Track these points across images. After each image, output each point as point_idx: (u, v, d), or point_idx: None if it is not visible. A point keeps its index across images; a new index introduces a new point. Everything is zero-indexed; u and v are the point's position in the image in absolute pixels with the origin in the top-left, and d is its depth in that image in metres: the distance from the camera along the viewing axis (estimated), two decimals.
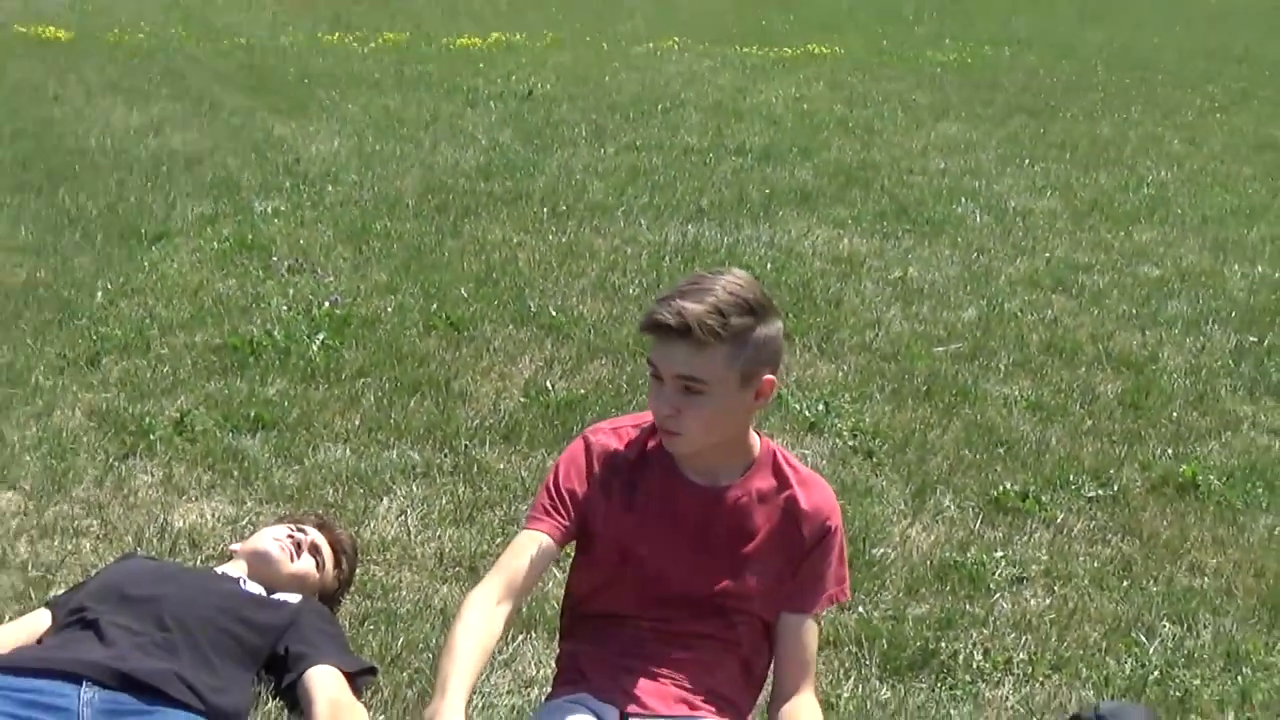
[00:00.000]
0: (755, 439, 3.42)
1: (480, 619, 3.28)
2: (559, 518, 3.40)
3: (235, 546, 4.39)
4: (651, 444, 3.41)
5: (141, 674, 3.45)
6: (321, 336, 6.73)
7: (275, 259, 8.07)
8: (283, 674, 3.86)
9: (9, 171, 9.55)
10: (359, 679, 3.90)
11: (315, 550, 4.27)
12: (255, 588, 4.05)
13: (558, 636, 3.72)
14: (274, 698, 3.87)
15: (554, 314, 7.35)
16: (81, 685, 3.39)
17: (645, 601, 3.45)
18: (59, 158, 10.04)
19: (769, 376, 3.24)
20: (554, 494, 3.43)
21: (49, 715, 3.31)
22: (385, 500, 5.24)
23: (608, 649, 3.49)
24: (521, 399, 6.25)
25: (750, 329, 3.16)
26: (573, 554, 3.59)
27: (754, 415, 3.35)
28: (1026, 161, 12.37)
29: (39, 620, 3.87)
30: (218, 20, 18.70)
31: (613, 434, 3.47)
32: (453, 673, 3.13)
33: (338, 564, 4.36)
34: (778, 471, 3.42)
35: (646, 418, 3.44)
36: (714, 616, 3.45)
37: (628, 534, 3.41)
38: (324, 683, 3.78)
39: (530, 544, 3.38)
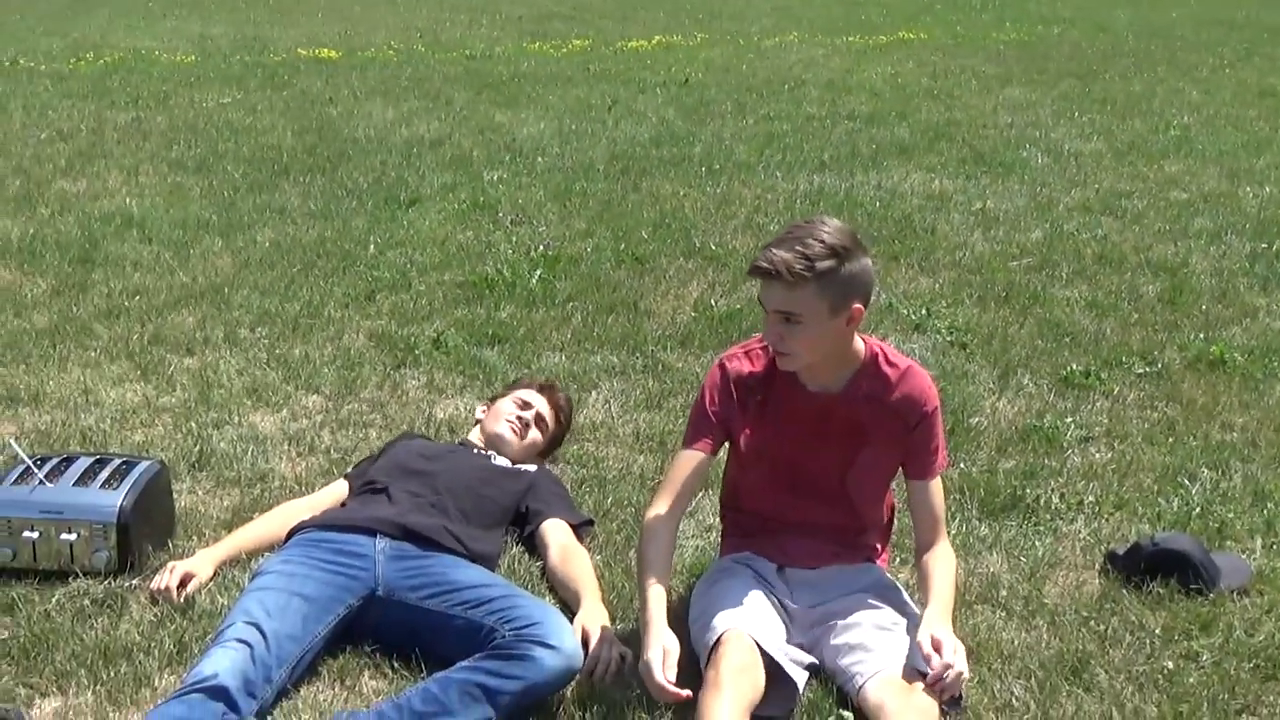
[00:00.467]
0: (860, 346, 3.25)
1: (662, 547, 3.20)
2: (709, 436, 3.29)
3: (479, 413, 4.38)
4: (776, 362, 3.30)
5: (420, 528, 3.47)
6: (539, 272, 6.73)
7: (501, 215, 8.07)
8: (524, 526, 3.86)
9: (300, 158, 9.65)
10: (581, 529, 3.90)
11: (539, 421, 4.27)
12: (502, 460, 4.06)
13: (720, 515, 3.66)
14: (518, 544, 3.88)
15: (714, 248, 7.28)
16: (376, 537, 3.42)
17: (783, 489, 3.37)
18: (336, 146, 10.12)
19: (857, 305, 3.08)
20: (703, 416, 3.31)
21: (354, 560, 3.35)
22: (593, 393, 5.22)
23: (762, 524, 3.43)
24: (692, 314, 6.20)
25: (835, 269, 3.00)
26: (726, 456, 3.50)
27: (851, 333, 3.19)
28: (1075, 114, 11.94)
29: (340, 489, 3.92)
30: (448, 37, 18.70)
31: (744, 357, 3.34)
32: (652, 606, 3.05)
33: (558, 420, 4.38)
34: (878, 372, 3.26)
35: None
36: (840, 494, 3.37)
37: (764, 438, 3.32)
38: (555, 532, 3.78)
39: (689, 462, 3.28)
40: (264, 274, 6.75)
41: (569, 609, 3.42)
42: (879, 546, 3.51)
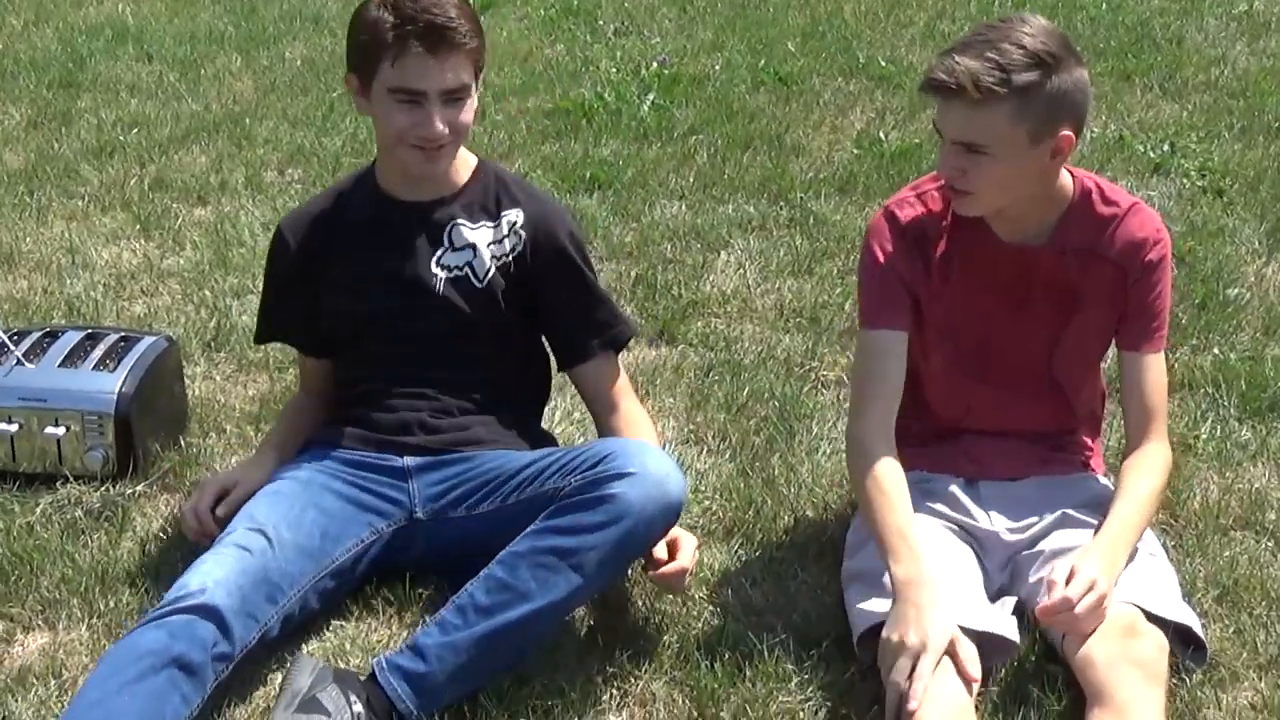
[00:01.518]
0: (1068, 182, 3.16)
1: (892, 474, 3.10)
2: (899, 306, 3.21)
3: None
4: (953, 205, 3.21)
5: (442, 444, 3.44)
6: (651, 97, 6.69)
7: (601, 22, 8.04)
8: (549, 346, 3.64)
9: None
10: (620, 342, 3.55)
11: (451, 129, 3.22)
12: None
13: None
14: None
15: (883, 64, 7.17)
16: (403, 456, 3.45)
17: (973, 375, 3.31)
18: None
19: (1066, 132, 2.97)
20: (883, 281, 3.22)
21: (382, 476, 3.33)
22: (723, 254, 5.20)
23: (945, 426, 3.39)
24: (854, 150, 6.13)
25: (1039, 84, 2.89)
26: None
27: (1058, 169, 3.10)
28: None
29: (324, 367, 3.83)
30: None
31: (917, 201, 3.25)
32: (909, 571, 2.92)
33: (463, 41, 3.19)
34: (1093, 215, 3.18)
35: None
36: (1047, 379, 3.31)
37: (947, 308, 3.25)
38: (597, 386, 3.50)
39: (887, 345, 3.20)
40: (295, 100, 6.79)
41: None
42: (1093, 447, 3.46)
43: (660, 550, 3.11)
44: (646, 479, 2.95)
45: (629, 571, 3.25)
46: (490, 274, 3.36)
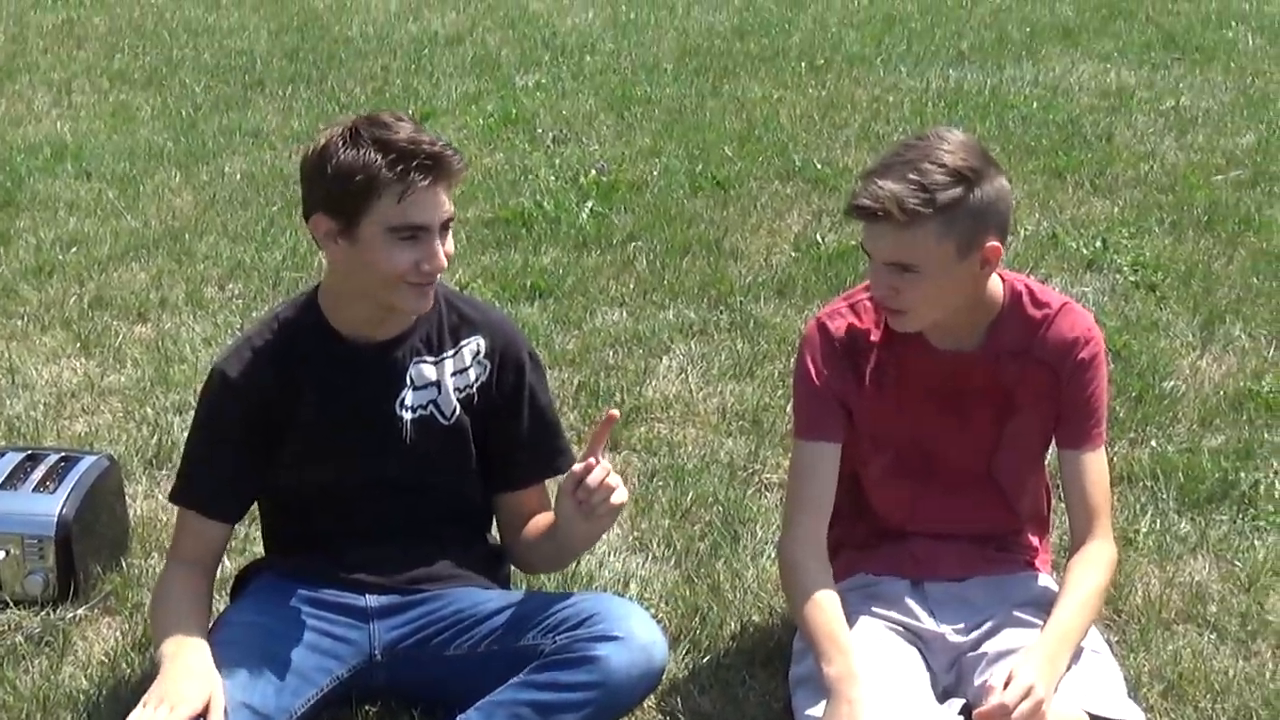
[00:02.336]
0: (998, 287, 3.19)
1: (816, 585, 3.13)
2: (831, 417, 3.24)
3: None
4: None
5: (410, 581, 3.37)
6: (590, 204, 6.73)
7: (540, 131, 8.09)
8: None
9: (277, 65, 9.72)
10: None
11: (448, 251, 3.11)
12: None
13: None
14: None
15: (819, 167, 7.25)
16: (364, 594, 3.38)
17: (914, 480, 3.32)
18: (323, 47, 10.18)
19: (993, 243, 3.01)
20: (813, 393, 3.25)
21: (342, 616, 3.26)
22: (665, 359, 5.22)
23: (887, 529, 3.39)
24: (793, 253, 6.18)
25: (962, 200, 2.93)
26: None
27: (987, 277, 3.11)
28: None
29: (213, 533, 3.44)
30: None
31: (849, 311, 3.27)
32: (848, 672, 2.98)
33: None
34: (1024, 318, 3.20)
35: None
36: (987, 481, 3.32)
37: (884, 417, 3.26)
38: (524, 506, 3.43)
39: (817, 459, 3.24)
40: (235, 215, 6.80)
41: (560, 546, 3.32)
42: (1038, 545, 3.46)
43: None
44: (632, 644, 2.95)
45: None
46: (456, 411, 3.27)
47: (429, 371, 3.24)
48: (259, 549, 3.60)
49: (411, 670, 3.22)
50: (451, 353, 3.27)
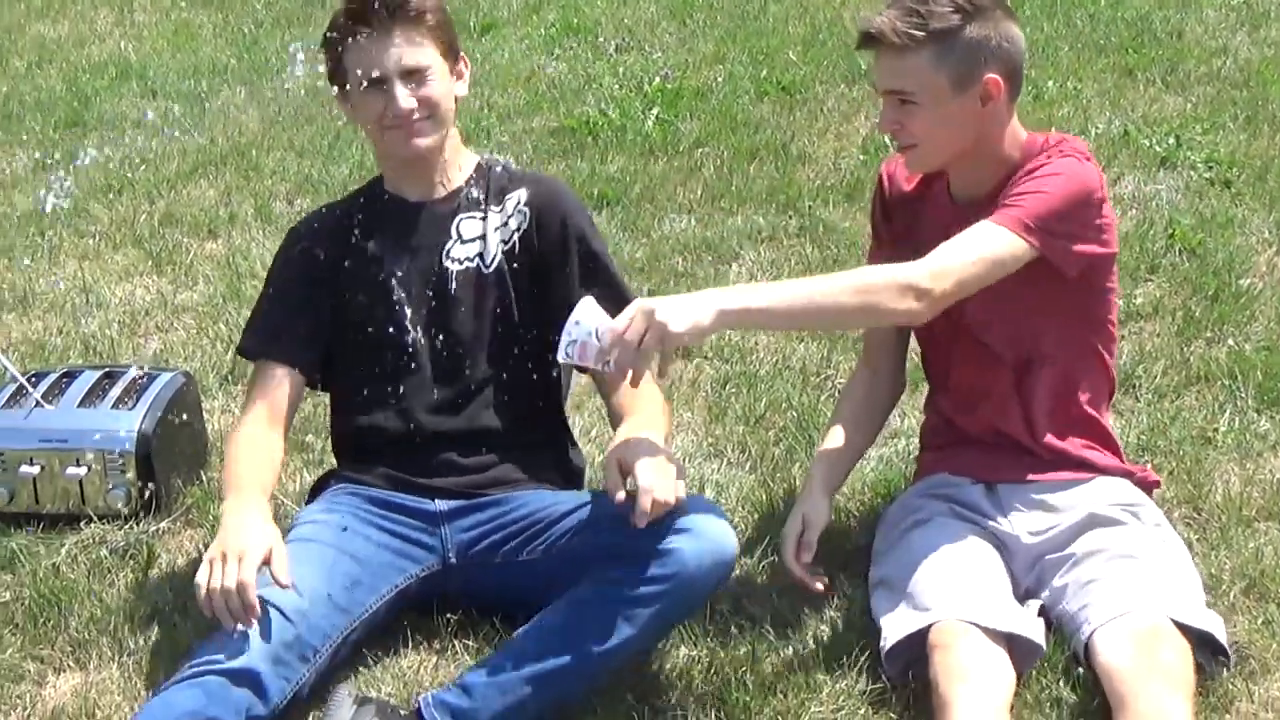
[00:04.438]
0: (1019, 141, 3.17)
1: (857, 403, 3.52)
2: (887, 247, 3.35)
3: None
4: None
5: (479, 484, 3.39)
6: (655, 111, 6.69)
7: (602, 39, 8.03)
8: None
9: None
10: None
11: (410, 81, 3.23)
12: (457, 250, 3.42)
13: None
14: None
15: None
16: (434, 499, 3.40)
17: (961, 362, 3.32)
18: None
19: (992, 76, 3.03)
20: (873, 237, 3.47)
21: (415, 519, 3.29)
22: (734, 266, 5.20)
23: (951, 421, 3.40)
24: (860, 156, 6.13)
25: (957, 30, 2.99)
26: None
27: (993, 118, 3.09)
28: None
29: (280, 384, 3.47)
30: None
31: (901, 165, 3.33)
32: (814, 465, 3.44)
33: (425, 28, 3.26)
34: (1029, 161, 3.16)
35: None
36: (1033, 362, 3.26)
37: None
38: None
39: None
40: (300, 130, 6.81)
41: None
42: (1109, 439, 3.40)
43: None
44: (702, 535, 2.93)
45: None
46: (497, 258, 3.34)
47: (475, 226, 3.37)
48: (333, 461, 3.62)
49: (486, 575, 3.24)
50: (497, 208, 3.38)
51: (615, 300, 3.08)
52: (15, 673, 3.23)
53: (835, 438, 3.44)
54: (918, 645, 2.95)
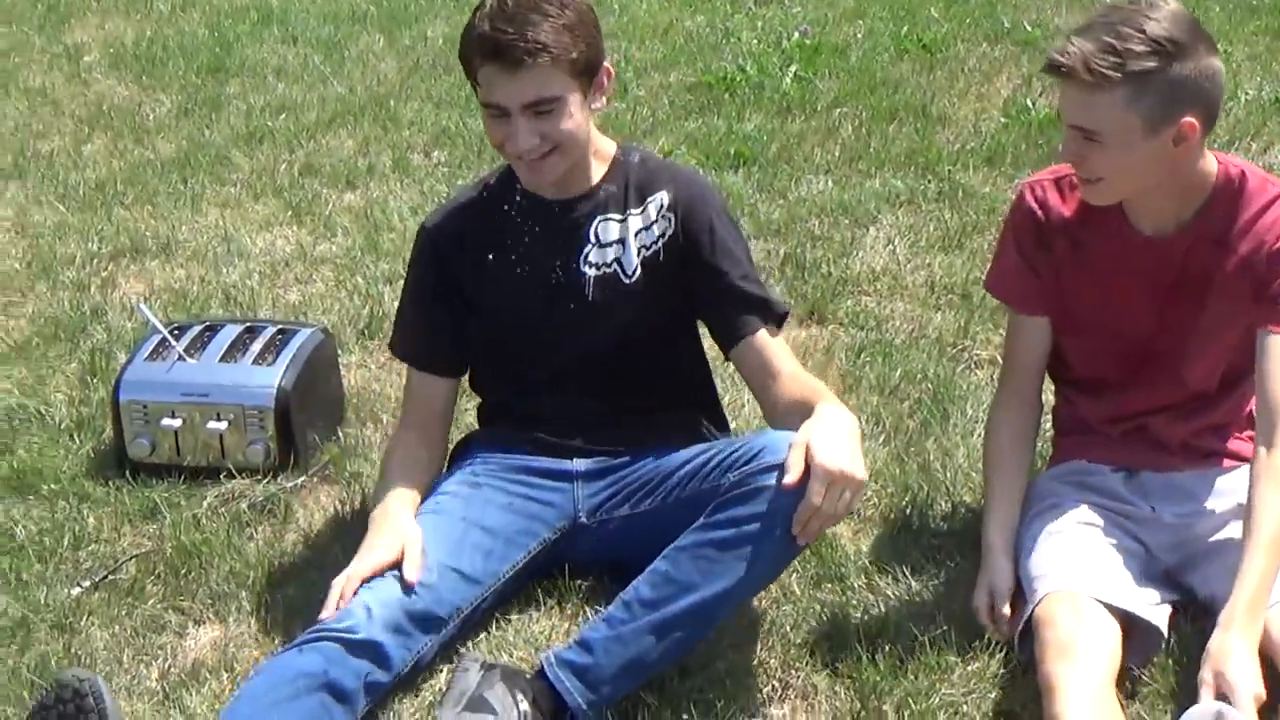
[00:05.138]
0: (1212, 169, 3.06)
1: (1008, 450, 3.33)
2: (1032, 291, 3.25)
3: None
4: None
5: (611, 443, 3.41)
6: (794, 68, 6.66)
7: None
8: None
9: None
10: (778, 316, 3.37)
11: (532, 115, 3.06)
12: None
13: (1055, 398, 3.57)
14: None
15: (1029, 29, 7.09)
16: (572, 459, 3.42)
17: (1119, 366, 3.26)
18: None
19: (1189, 120, 2.87)
20: (1012, 266, 3.28)
21: (548, 480, 3.32)
22: (871, 230, 5.17)
23: (1099, 414, 3.35)
24: (1002, 119, 6.07)
25: (1156, 71, 2.81)
26: None
27: (1187, 157, 2.98)
28: None
29: (438, 390, 3.55)
30: None
31: (1053, 186, 3.21)
32: (990, 527, 3.22)
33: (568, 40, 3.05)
34: (1232, 204, 3.06)
35: None
36: (1200, 369, 3.21)
37: (1080, 298, 3.21)
38: (757, 361, 3.31)
39: (1021, 330, 3.30)
40: (439, 80, 6.85)
41: None
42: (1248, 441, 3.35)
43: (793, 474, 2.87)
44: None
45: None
46: (637, 268, 3.28)
47: (614, 229, 3.28)
48: (473, 419, 3.66)
49: (613, 531, 3.26)
50: (638, 210, 3.29)
51: (756, 299, 3.25)
52: (157, 623, 3.29)
53: (1001, 492, 3.28)
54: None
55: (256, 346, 3.88)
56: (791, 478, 2.81)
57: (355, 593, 2.94)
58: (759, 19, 7.51)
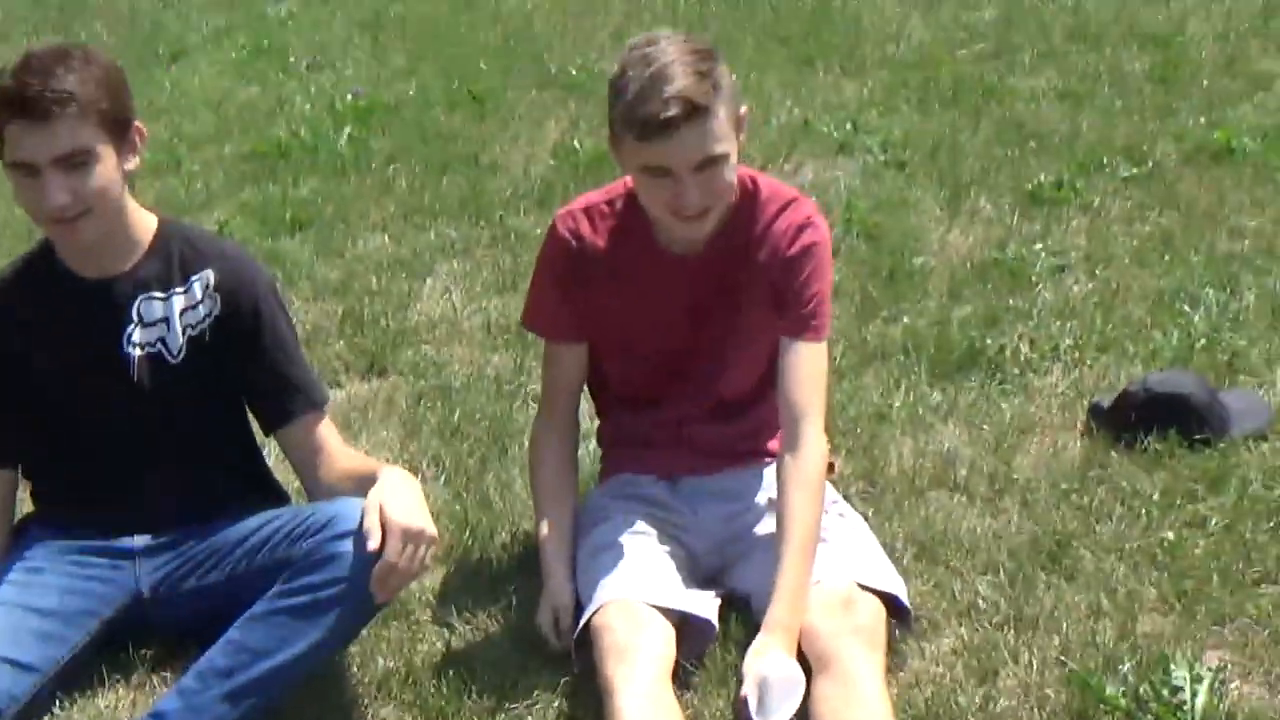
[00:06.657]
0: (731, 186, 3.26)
1: (553, 474, 3.46)
2: (566, 319, 3.39)
3: None
4: (624, 221, 3.30)
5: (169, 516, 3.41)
6: (347, 130, 6.76)
7: (293, 59, 8.07)
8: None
9: (18, 13, 9.53)
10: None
11: (60, 168, 3.02)
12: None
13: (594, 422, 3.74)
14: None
15: (574, 73, 7.33)
16: (132, 536, 3.38)
17: (655, 381, 3.44)
18: None
19: (743, 109, 3.15)
20: (545, 296, 3.43)
21: (106, 558, 3.29)
22: (428, 280, 5.29)
23: (637, 427, 3.51)
24: (551, 161, 6.27)
25: (725, 73, 3.06)
26: None
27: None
28: None
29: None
30: None
31: (584, 216, 3.35)
32: (546, 551, 3.35)
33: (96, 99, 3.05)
34: (751, 210, 3.28)
35: (616, 190, 3.34)
36: (729, 378, 3.42)
37: (622, 318, 3.36)
38: (304, 441, 3.40)
39: (555, 356, 3.46)
40: None
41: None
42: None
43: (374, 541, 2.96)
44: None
45: None
46: (183, 348, 3.26)
47: (158, 308, 3.25)
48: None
49: (179, 605, 3.26)
50: (182, 289, 3.26)
51: (302, 382, 3.33)
52: None
53: (553, 514, 3.41)
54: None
55: None
56: (375, 543, 2.89)
57: None
58: (312, 84, 7.57)
